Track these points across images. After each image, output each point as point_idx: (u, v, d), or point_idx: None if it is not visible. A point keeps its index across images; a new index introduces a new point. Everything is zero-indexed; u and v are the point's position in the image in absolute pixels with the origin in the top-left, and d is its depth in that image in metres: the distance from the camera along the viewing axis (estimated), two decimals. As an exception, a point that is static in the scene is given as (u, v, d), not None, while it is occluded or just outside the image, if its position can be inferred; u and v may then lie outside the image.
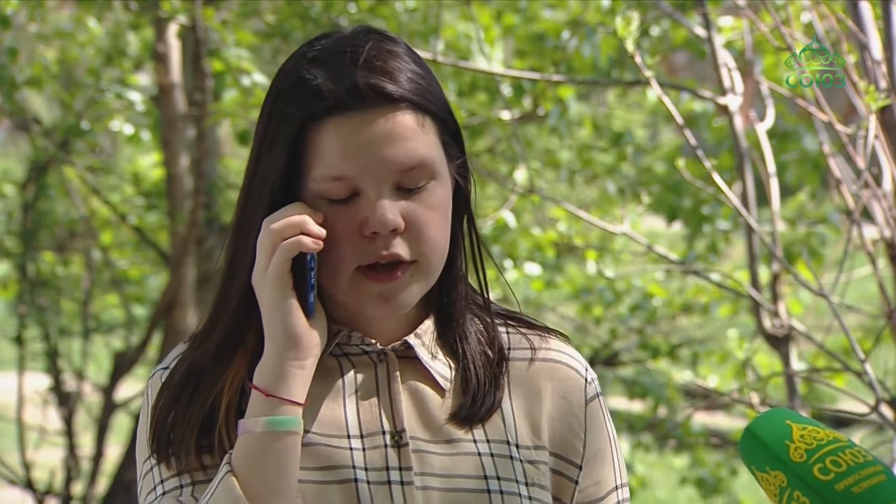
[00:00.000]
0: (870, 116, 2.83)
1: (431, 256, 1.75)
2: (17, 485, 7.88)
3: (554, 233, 7.21)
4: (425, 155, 1.74)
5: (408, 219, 1.73)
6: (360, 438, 1.76)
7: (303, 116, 1.72)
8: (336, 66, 1.73)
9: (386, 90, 1.72)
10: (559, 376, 1.85)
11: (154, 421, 1.78)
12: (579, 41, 6.08)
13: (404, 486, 1.75)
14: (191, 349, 1.81)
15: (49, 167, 7.76)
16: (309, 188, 1.73)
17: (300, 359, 1.71)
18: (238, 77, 6.24)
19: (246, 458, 1.69)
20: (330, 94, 1.71)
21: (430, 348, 1.81)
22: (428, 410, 1.79)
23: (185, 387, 1.77)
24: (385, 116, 1.72)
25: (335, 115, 1.72)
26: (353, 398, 1.78)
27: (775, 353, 3.86)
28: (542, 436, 1.82)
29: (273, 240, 1.71)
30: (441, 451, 1.77)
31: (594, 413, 1.86)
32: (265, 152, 1.75)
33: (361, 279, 1.74)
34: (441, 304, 1.83)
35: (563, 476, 1.83)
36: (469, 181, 1.82)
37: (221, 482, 1.69)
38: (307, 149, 1.73)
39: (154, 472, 1.77)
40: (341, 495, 1.73)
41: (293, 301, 1.71)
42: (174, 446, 1.75)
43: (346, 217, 1.73)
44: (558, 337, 1.88)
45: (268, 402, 1.70)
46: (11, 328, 8.32)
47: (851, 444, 1.61)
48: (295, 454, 1.70)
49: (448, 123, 1.78)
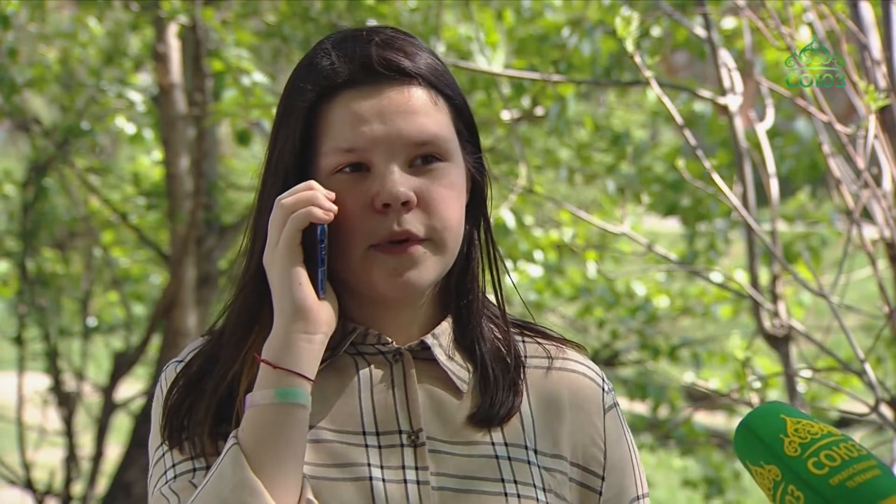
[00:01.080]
0: (869, 116, 2.83)
1: (444, 233, 1.73)
2: (16, 485, 7.89)
3: (555, 234, 7.21)
4: (438, 132, 1.73)
5: (420, 194, 1.72)
6: (376, 436, 1.75)
7: (315, 92, 1.72)
8: (350, 47, 1.74)
9: (401, 65, 1.72)
10: (577, 386, 1.83)
11: (167, 408, 1.76)
12: (579, 39, 6.08)
13: (420, 486, 1.73)
14: (209, 344, 1.80)
15: (49, 167, 7.76)
16: (321, 165, 1.73)
17: (308, 332, 1.69)
18: (238, 77, 6.24)
19: (252, 430, 1.67)
20: (343, 69, 1.72)
21: (447, 350, 1.80)
22: (445, 411, 1.77)
23: (202, 376, 1.76)
24: (398, 90, 1.72)
25: (348, 89, 1.72)
26: (368, 396, 1.77)
27: (776, 353, 3.86)
28: (562, 446, 1.80)
29: (283, 214, 1.70)
30: (458, 452, 1.76)
31: (613, 423, 1.84)
32: (282, 131, 1.75)
33: (374, 255, 1.72)
34: (459, 305, 1.81)
35: (587, 488, 1.81)
36: (485, 178, 1.81)
37: (227, 454, 1.67)
38: (320, 125, 1.73)
39: (166, 458, 1.75)
40: (356, 493, 1.72)
41: (302, 272, 1.69)
42: (188, 431, 1.74)
43: (358, 192, 1.71)
44: (575, 347, 1.87)
45: (275, 374, 1.68)
46: (11, 328, 8.32)
47: (846, 438, 1.60)
48: (302, 428, 1.68)
49: (463, 113, 1.78)
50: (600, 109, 8.62)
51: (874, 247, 3.12)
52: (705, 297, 7.52)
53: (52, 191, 7.95)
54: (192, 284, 7.25)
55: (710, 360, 7.48)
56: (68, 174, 8.02)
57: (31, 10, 6.72)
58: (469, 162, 1.79)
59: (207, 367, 1.77)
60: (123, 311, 8.51)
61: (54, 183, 7.99)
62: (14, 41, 6.63)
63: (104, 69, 7.39)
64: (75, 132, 7.29)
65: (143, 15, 6.97)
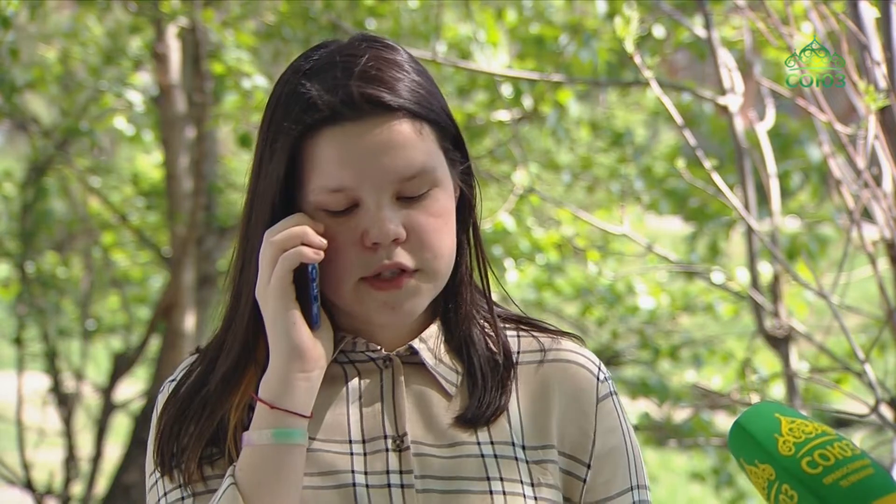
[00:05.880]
0: (870, 116, 2.83)
1: (435, 263, 1.75)
2: (16, 485, 7.88)
3: (556, 234, 7.21)
4: (425, 163, 1.73)
5: (409, 227, 1.73)
6: (362, 444, 1.76)
7: (298, 128, 1.72)
8: (330, 77, 1.72)
9: (381, 99, 1.71)
10: (569, 375, 1.83)
11: (159, 434, 1.78)
12: (577, 46, 6.08)
13: (405, 490, 1.74)
14: (199, 362, 1.81)
15: (48, 167, 7.76)
16: (308, 200, 1.73)
17: (306, 371, 1.71)
18: (238, 80, 6.24)
19: (250, 469, 1.70)
20: (325, 105, 1.71)
21: (435, 353, 1.81)
22: (432, 414, 1.79)
23: (191, 401, 1.78)
24: (381, 126, 1.71)
25: (330, 125, 1.71)
26: (356, 405, 1.78)
27: (776, 353, 3.86)
28: (551, 436, 1.80)
29: (274, 252, 1.71)
30: (443, 455, 1.77)
31: (606, 412, 1.84)
32: (264, 166, 1.75)
33: (366, 289, 1.73)
34: (446, 308, 1.82)
35: (572, 475, 1.81)
36: (473, 187, 1.82)
37: (224, 494, 1.69)
38: (304, 161, 1.73)
39: (158, 486, 1.77)
40: (339, 500, 1.73)
41: (296, 313, 1.71)
42: (178, 459, 1.75)
43: (347, 228, 1.72)
44: (571, 338, 1.87)
45: (273, 414, 1.70)
46: (11, 329, 8.31)
47: (840, 437, 1.60)
48: (299, 466, 1.71)
49: (449, 130, 1.78)
50: (600, 110, 8.61)
51: (874, 247, 3.12)
52: (707, 295, 7.52)
53: (51, 191, 7.95)
54: (191, 285, 7.24)
55: (711, 358, 7.47)
56: (68, 175, 8.01)
57: (32, 10, 6.72)
58: (456, 174, 1.79)
59: (196, 393, 1.78)
60: (125, 316, 8.51)
61: (54, 183, 7.99)
62: (14, 41, 6.61)
63: (104, 69, 7.38)
64: (75, 132, 7.28)
65: (143, 16, 6.96)
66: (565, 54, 6.29)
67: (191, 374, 1.80)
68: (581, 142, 7.79)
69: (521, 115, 6.63)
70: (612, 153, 7.65)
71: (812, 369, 5.54)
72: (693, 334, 8.25)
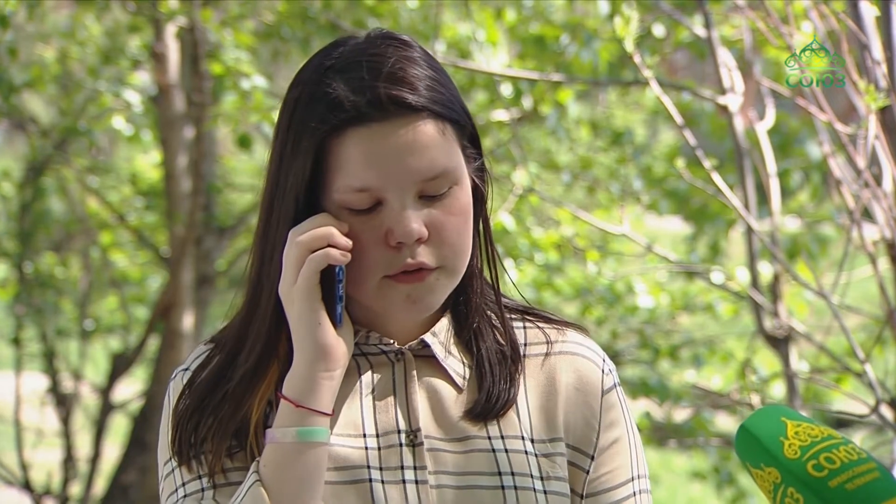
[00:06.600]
0: (870, 116, 2.82)
1: (456, 260, 1.77)
2: (14, 486, 7.88)
3: (555, 234, 7.20)
4: (447, 163, 1.75)
5: (431, 226, 1.74)
6: (376, 437, 1.78)
7: (324, 128, 1.73)
8: (356, 78, 1.73)
9: (407, 101, 1.72)
10: (575, 367, 1.85)
11: (176, 424, 1.78)
12: (578, 46, 6.07)
13: (419, 485, 1.76)
14: (216, 352, 1.81)
15: (47, 167, 7.75)
16: (332, 199, 1.74)
17: (330, 370, 1.73)
18: (237, 80, 6.23)
19: (274, 467, 1.71)
20: (351, 106, 1.72)
21: (445, 346, 1.82)
22: (443, 408, 1.80)
23: (210, 393, 1.78)
24: (406, 127, 1.73)
25: (357, 125, 1.72)
26: (369, 398, 1.80)
27: (776, 353, 3.85)
28: (559, 428, 1.82)
29: (300, 252, 1.72)
30: (455, 450, 1.79)
31: (611, 404, 1.86)
32: (287, 164, 1.76)
33: (389, 283, 1.75)
34: (457, 301, 1.84)
35: (576, 467, 1.83)
36: (486, 183, 1.84)
37: (249, 491, 1.70)
38: (329, 160, 1.74)
39: (175, 475, 1.78)
40: (356, 495, 1.74)
41: (322, 313, 1.73)
42: (196, 450, 1.76)
43: (371, 227, 1.74)
44: (576, 329, 1.89)
45: (297, 412, 1.72)
46: (9, 329, 8.31)
47: (846, 441, 1.61)
48: (322, 464, 1.72)
49: (467, 128, 1.79)
50: (599, 110, 8.61)
51: (874, 247, 3.11)
52: (707, 294, 7.51)
53: (49, 191, 7.94)
54: (190, 285, 7.24)
55: (711, 358, 7.46)
56: (66, 174, 8.01)
57: (30, 10, 6.71)
58: (471, 170, 1.81)
59: (217, 385, 1.78)
60: (123, 316, 8.50)
61: (52, 183, 7.98)
62: (12, 41, 6.61)
63: (102, 69, 7.37)
64: (73, 132, 7.27)
65: (141, 15, 6.95)
66: (566, 54, 6.28)
67: (206, 366, 1.81)
68: (581, 142, 7.79)
69: (520, 114, 6.62)
70: (611, 153, 7.64)
71: (812, 369, 5.54)
72: (693, 334, 8.23)
